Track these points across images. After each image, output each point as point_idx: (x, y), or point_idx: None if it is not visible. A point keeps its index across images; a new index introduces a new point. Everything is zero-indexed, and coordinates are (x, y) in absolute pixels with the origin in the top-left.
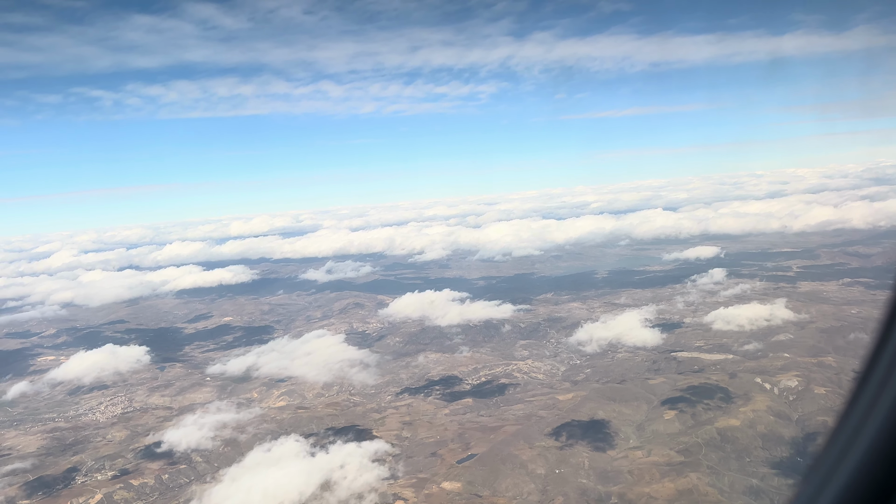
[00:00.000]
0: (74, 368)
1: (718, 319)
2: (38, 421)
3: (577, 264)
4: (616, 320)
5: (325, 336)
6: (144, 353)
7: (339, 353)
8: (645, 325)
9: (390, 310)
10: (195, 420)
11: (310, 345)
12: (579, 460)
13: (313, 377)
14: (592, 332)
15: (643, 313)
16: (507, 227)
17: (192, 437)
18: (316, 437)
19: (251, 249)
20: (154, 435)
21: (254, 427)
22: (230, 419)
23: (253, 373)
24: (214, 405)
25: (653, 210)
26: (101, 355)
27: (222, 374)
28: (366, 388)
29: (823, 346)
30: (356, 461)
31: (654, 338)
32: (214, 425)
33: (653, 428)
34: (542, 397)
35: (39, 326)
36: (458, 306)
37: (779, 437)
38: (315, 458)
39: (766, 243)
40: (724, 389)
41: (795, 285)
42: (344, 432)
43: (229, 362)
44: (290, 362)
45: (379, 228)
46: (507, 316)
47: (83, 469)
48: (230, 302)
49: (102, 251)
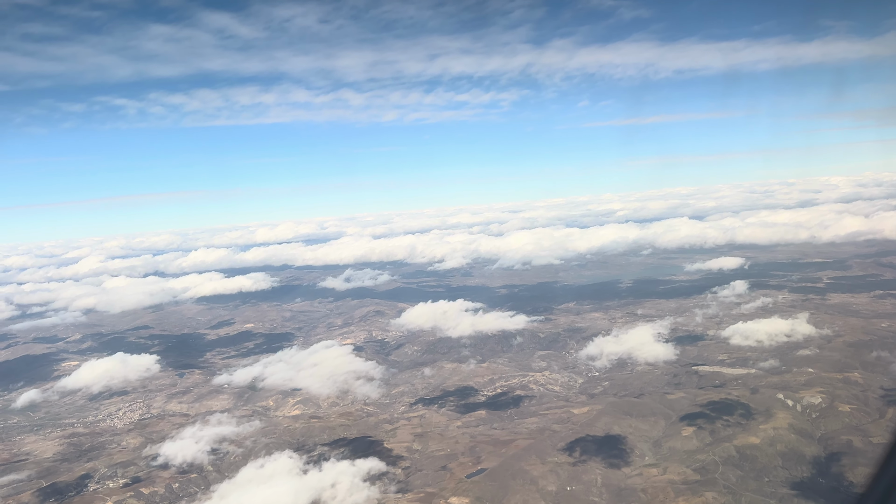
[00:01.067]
0: (84, 377)
1: (736, 334)
2: (57, 426)
3: (599, 273)
4: (628, 334)
5: (333, 347)
6: (154, 361)
7: (346, 365)
8: (658, 340)
9: (402, 320)
10: (194, 433)
11: (317, 356)
12: (592, 477)
13: (317, 389)
14: (603, 346)
15: (657, 327)
16: (528, 235)
17: (188, 450)
18: (310, 453)
19: (274, 256)
20: (151, 448)
21: (252, 441)
22: (230, 432)
23: (258, 384)
24: (216, 417)
25: (678, 219)
26: (111, 363)
27: (228, 385)
28: (380, 397)
29: (850, 361)
30: (348, 480)
31: (667, 353)
32: (213, 438)
33: (669, 444)
34: (556, 410)
35: (66, 331)
36: (471, 317)
37: (800, 456)
38: (306, 476)
39: (795, 253)
40: (745, 405)
41: (825, 297)
42: (350, 445)
43: (235, 372)
44: (297, 373)
45: (401, 236)
46: (520, 327)
47: (96, 476)
48: (253, 309)
49: (129, 257)
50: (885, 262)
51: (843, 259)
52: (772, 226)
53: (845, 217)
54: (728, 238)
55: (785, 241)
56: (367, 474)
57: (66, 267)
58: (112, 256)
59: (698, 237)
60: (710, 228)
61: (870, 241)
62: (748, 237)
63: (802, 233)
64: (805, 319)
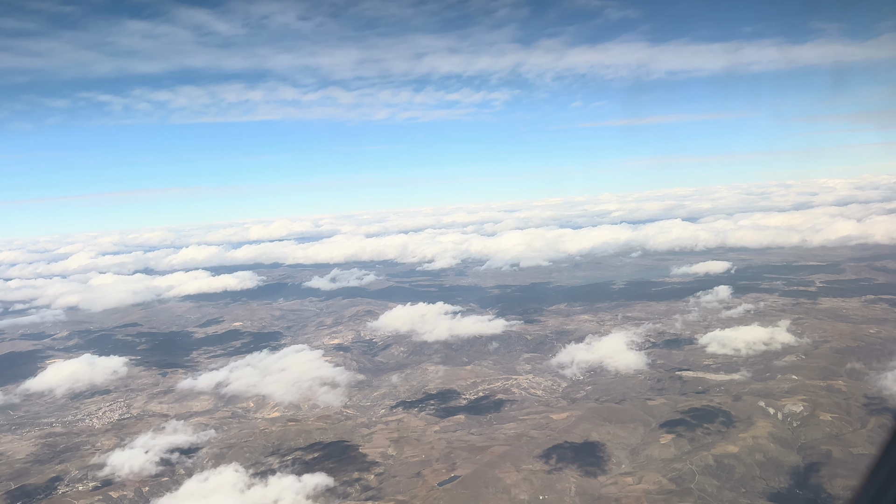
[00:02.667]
0: (49, 380)
1: (714, 342)
2: (36, 425)
3: (589, 275)
4: (601, 342)
5: (303, 351)
6: (123, 364)
7: (313, 371)
8: (631, 348)
9: (379, 322)
10: (145, 441)
11: (286, 360)
12: (566, 486)
13: (280, 396)
14: (574, 354)
15: (631, 335)
16: (520, 236)
17: (135, 461)
18: (256, 465)
19: (264, 255)
20: (99, 457)
21: (206, 450)
22: (183, 441)
23: (221, 389)
24: (171, 424)
25: (671, 221)
26: (78, 365)
27: (191, 390)
28: (361, 400)
29: (835, 368)
30: (290, 497)
31: (639, 361)
32: (165, 448)
33: (647, 452)
34: (536, 416)
35: (53, 328)
36: (449, 321)
37: (779, 465)
38: (248, 492)
39: (787, 257)
40: (726, 413)
41: (816, 301)
42: (325, 449)
43: (200, 377)
44: (262, 379)
45: (393, 235)
46: (498, 332)
47: (66, 479)
48: (243, 307)
49: (121, 254)
50: (879, 266)
51: (837, 262)
52: (764, 229)
53: (838, 221)
54: (719, 241)
55: (776, 244)
56: (312, 490)
57: (55, 263)
58: (103, 253)
59: (689, 239)
60: (702, 231)
61: (861, 245)
62: (739, 240)
63: (794, 236)
64: (785, 328)
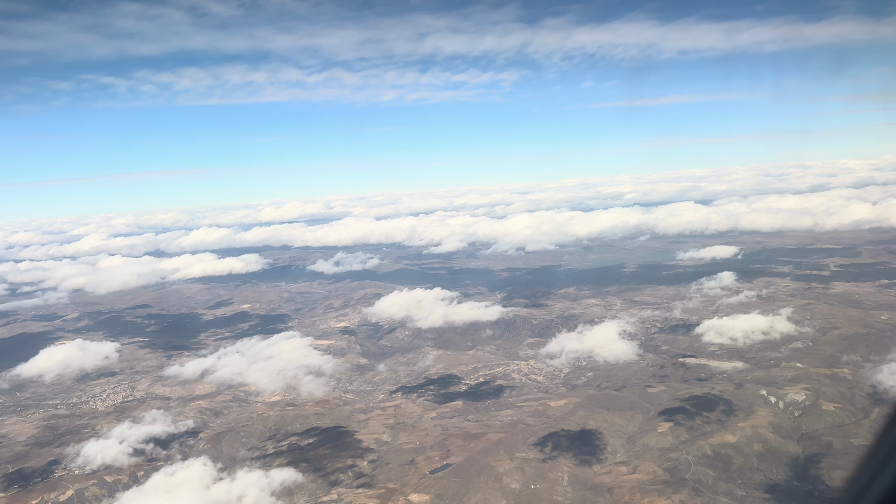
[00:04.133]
0: (40, 365)
1: (710, 330)
2: (41, 407)
3: (598, 258)
4: (593, 331)
5: (294, 338)
6: (115, 350)
7: (300, 359)
8: (623, 337)
9: (375, 308)
10: (122, 432)
11: (275, 347)
12: (558, 475)
13: (263, 385)
14: (564, 343)
15: (623, 324)
16: (529, 219)
17: (108, 452)
18: (224, 460)
19: (274, 237)
20: (73, 447)
21: (179, 442)
22: (160, 431)
23: (207, 377)
24: (151, 414)
25: (684, 203)
26: (69, 350)
27: (177, 377)
28: (362, 384)
29: (842, 355)
30: (254, 494)
31: (630, 352)
32: (141, 438)
33: (644, 441)
34: (533, 402)
35: (65, 310)
36: (444, 307)
37: (777, 456)
38: (213, 488)
39: (800, 240)
40: (727, 401)
41: (829, 286)
42: (321, 435)
43: (187, 364)
44: (248, 367)
45: (403, 217)
46: (493, 318)
47: (64, 462)
48: (252, 289)
49: (132, 235)
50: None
51: (853, 245)
52: (776, 212)
53: (852, 204)
54: (731, 224)
55: (787, 227)
56: (279, 486)
57: (67, 245)
58: (116, 234)
59: (700, 222)
60: (714, 214)
61: (875, 228)
62: (751, 223)
63: (806, 220)
64: (786, 316)
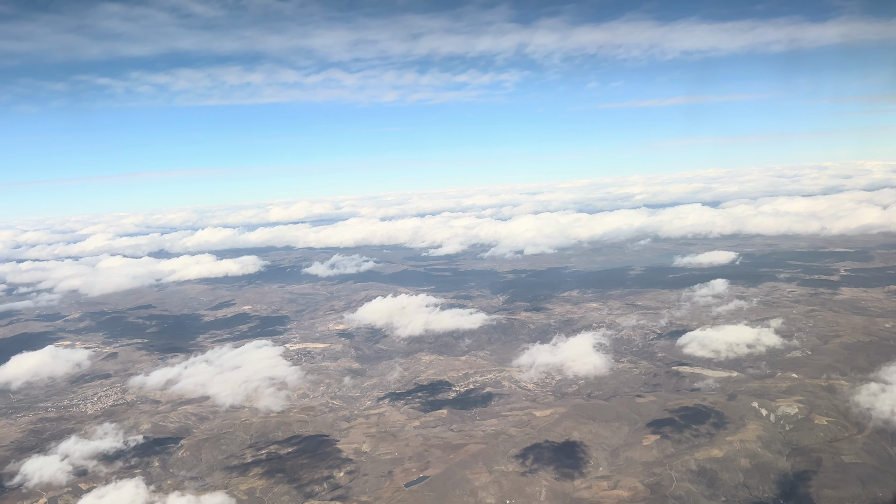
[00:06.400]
0: (10, 372)
1: (693, 342)
2: (31, 409)
3: (606, 260)
4: (567, 342)
5: (264, 347)
6: (87, 357)
7: (267, 370)
8: (598, 350)
9: (357, 315)
10: (68, 447)
11: (244, 356)
12: (536, 489)
13: (223, 398)
14: (536, 356)
15: (598, 336)
16: (532, 221)
17: (48, 469)
18: (157, 482)
19: (277, 238)
20: (14, 464)
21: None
22: (108, 447)
23: (169, 387)
24: (103, 428)
25: (691, 205)
26: (41, 357)
27: (141, 387)
28: (351, 390)
29: (840, 365)
30: None
31: (603, 366)
32: (86, 454)
33: (628, 454)
34: (519, 412)
35: (68, 310)
36: (426, 314)
37: (765, 472)
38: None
39: (809, 244)
40: (719, 413)
41: (837, 291)
42: (302, 443)
43: (152, 373)
44: (211, 378)
45: (408, 218)
46: (475, 327)
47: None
48: (255, 290)
49: (138, 235)
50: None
51: (865, 249)
52: (783, 215)
53: (862, 207)
54: (736, 227)
55: (793, 231)
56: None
57: (73, 244)
58: (123, 234)
59: (705, 226)
60: (720, 217)
61: (884, 233)
62: (756, 227)
63: (813, 223)
64: (774, 328)
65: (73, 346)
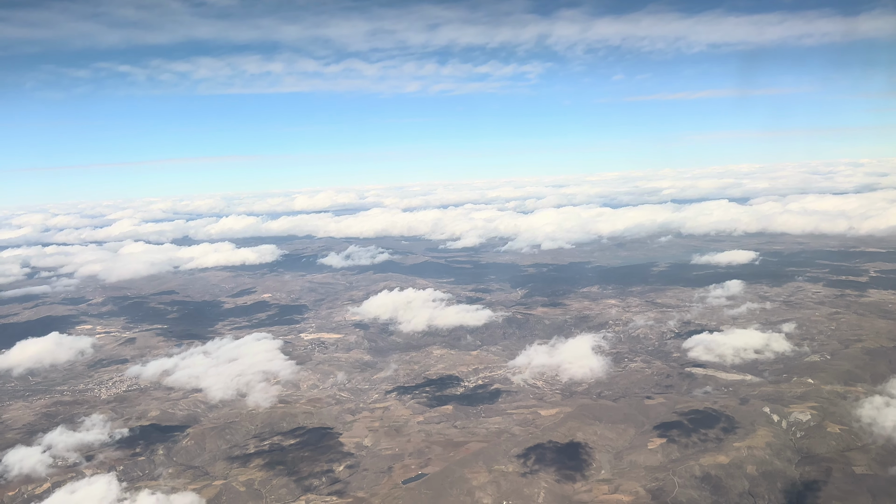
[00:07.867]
0: (13, 359)
1: (699, 345)
2: (47, 392)
3: (629, 255)
4: (566, 344)
5: (263, 339)
6: (105, 342)
7: (262, 364)
8: (597, 353)
9: (362, 308)
10: (52, 438)
11: (242, 349)
12: (534, 491)
13: (214, 392)
14: (532, 357)
15: (597, 339)
16: (553, 215)
17: (29, 461)
18: (131, 479)
19: (298, 227)
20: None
21: (105, 454)
22: (93, 439)
23: (164, 379)
24: (91, 419)
25: (717, 202)
26: (44, 344)
27: (137, 377)
28: (361, 382)
29: (859, 371)
30: None
31: (599, 369)
32: (72, 446)
33: (631, 458)
34: (524, 410)
35: (92, 294)
36: (431, 310)
37: (772, 480)
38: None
39: (841, 243)
40: (729, 417)
41: (864, 293)
42: (306, 436)
43: (149, 364)
44: (207, 369)
45: (431, 210)
46: (479, 323)
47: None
48: (277, 278)
49: (164, 221)
50: None
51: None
52: (811, 213)
53: (894, 207)
54: (761, 226)
55: (819, 231)
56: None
57: (100, 229)
58: (149, 220)
59: (729, 223)
60: (745, 214)
61: None
62: (782, 225)
63: (841, 223)
64: (786, 333)
65: (94, 329)
